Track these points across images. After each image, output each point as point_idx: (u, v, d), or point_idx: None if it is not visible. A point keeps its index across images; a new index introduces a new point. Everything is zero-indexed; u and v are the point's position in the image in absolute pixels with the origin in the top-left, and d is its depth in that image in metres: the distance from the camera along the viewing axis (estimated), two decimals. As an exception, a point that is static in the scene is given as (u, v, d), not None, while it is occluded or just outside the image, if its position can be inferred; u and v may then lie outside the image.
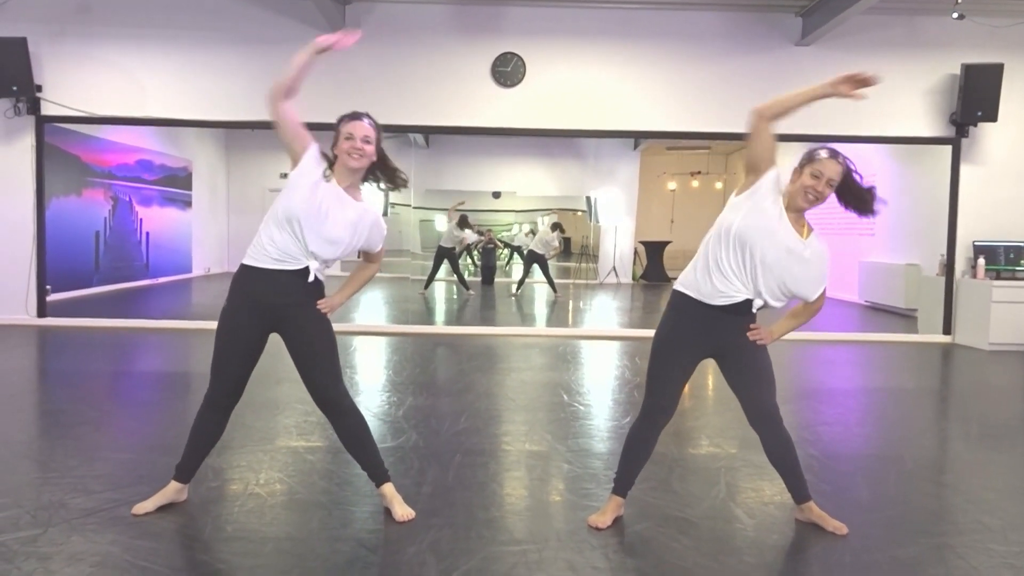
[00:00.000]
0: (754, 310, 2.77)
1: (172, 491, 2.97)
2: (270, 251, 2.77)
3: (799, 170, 2.75)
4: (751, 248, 2.68)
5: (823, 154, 2.72)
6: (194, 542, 2.73)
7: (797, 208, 2.75)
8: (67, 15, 7.82)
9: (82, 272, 10.23)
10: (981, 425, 4.73)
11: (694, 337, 2.81)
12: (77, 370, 5.89)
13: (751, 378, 2.84)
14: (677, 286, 2.86)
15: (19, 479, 3.29)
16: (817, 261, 2.77)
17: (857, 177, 2.77)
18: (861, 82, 2.59)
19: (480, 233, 12.87)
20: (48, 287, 8.07)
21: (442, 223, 12.35)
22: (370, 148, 2.83)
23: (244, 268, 2.82)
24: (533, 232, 12.34)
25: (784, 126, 2.76)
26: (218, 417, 2.94)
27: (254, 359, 2.89)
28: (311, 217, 2.74)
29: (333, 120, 2.87)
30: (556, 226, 12.01)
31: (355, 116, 2.85)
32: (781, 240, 2.70)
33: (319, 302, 2.86)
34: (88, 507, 2.96)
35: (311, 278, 2.82)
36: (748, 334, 2.80)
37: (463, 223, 11.74)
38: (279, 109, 2.77)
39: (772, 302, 2.77)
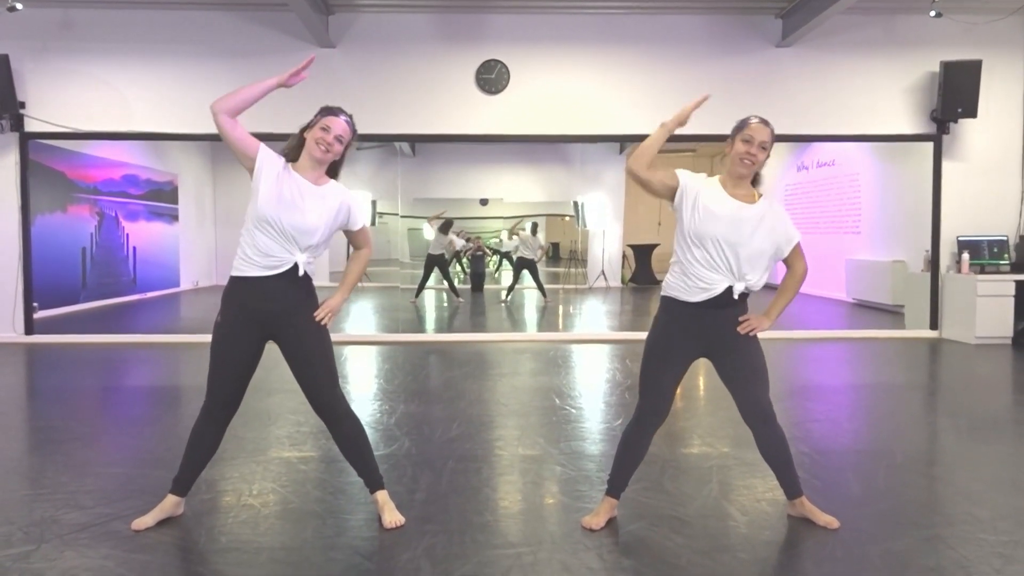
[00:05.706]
0: (735, 295, 2.79)
1: (170, 505, 2.96)
2: (255, 258, 2.77)
3: (732, 139, 2.84)
4: (708, 238, 2.75)
5: (753, 120, 2.82)
6: (188, 554, 2.73)
7: (737, 175, 2.82)
8: (49, 31, 7.80)
9: (69, 289, 10.18)
10: (969, 418, 4.77)
11: (684, 337, 2.85)
12: (66, 386, 5.85)
13: (744, 375, 2.87)
14: (663, 291, 2.91)
15: (10, 496, 3.28)
16: (772, 217, 2.81)
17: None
18: None
19: (467, 239, 12.95)
20: (35, 304, 8.03)
21: (429, 232, 12.40)
22: (339, 148, 2.86)
23: (233, 280, 2.82)
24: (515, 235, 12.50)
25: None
26: (215, 429, 2.93)
27: (251, 370, 2.89)
28: (282, 211, 2.75)
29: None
30: (535, 227, 12.38)
31: (338, 113, 2.86)
32: (726, 213, 2.76)
33: (317, 312, 2.85)
34: (81, 522, 2.95)
35: (301, 272, 2.82)
36: (739, 327, 2.82)
37: (445, 228, 11.84)
38: (227, 124, 2.76)
39: (753, 278, 2.79)
